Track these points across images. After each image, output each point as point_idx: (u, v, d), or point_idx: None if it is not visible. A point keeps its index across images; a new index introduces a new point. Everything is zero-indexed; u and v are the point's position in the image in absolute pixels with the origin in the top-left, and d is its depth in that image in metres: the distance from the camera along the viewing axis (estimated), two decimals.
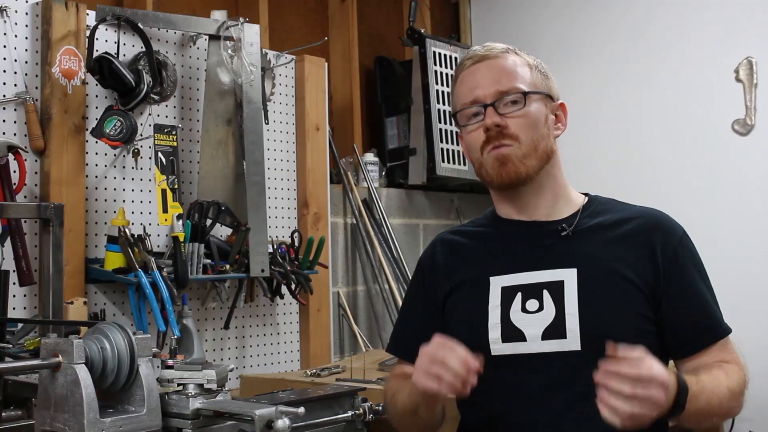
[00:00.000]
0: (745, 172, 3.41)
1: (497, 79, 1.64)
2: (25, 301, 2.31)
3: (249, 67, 2.72)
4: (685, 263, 1.62)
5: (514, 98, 1.63)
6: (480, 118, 1.64)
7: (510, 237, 1.70)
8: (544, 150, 1.64)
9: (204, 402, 1.50)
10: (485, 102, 1.63)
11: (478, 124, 1.64)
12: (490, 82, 1.64)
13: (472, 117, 1.66)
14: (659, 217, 1.67)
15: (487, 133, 1.62)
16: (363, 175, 3.50)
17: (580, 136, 3.73)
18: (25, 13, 2.38)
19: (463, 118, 1.68)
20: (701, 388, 1.46)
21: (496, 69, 1.65)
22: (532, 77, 1.66)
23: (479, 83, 1.65)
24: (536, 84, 1.66)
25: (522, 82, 1.64)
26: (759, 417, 2.86)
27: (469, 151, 1.70)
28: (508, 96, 1.63)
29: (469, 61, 1.69)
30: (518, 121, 1.62)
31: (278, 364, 2.99)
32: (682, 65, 3.59)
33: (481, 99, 1.64)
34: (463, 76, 1.69)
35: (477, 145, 1.64)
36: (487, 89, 1.63)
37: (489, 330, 1.61)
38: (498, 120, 1.61)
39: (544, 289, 1.60)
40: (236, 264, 2.66)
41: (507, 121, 1.61)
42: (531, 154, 1.62)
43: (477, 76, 1.66)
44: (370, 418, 1.77)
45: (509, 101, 1.63)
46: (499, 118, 1.61)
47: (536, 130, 1.63)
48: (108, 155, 2.53)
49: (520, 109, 1.62)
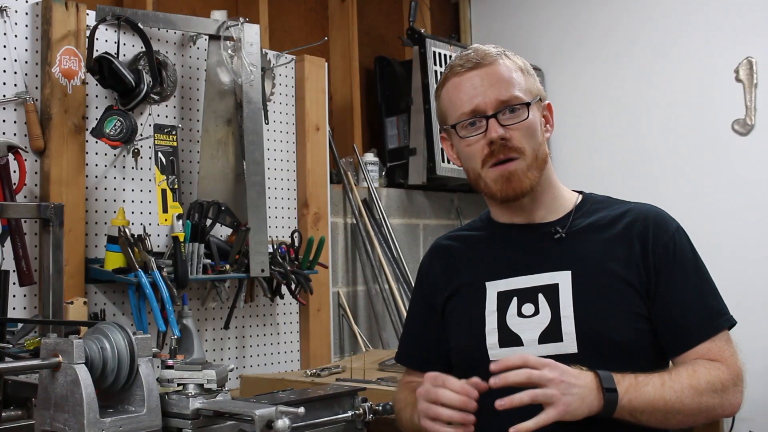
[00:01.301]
0: (745, 172, 3.42)
1: (497, 88, 1.59)
2: (25, 301, 2.31)
3: (249, 67, 2.72)
4: (677, 259, 1.60)
5: (516, 108, 1.60)
6: (481, 130, 1.60)
7: (504, 241, 1.70)
8: (542, 157, 1.63)
9: (204, 402, 1.50)
10: (486, 113, 1.59)
11: (479, 135, 1.60)
12: (490, 92, 1.59)
13: (470, 127, 1.61)
14: (652, 213, 1.65)
15: (491, 146, 1.59)
16: (363, 175, 3.50)
17: (580, 136, 3.74)
18: (25, 13, 2.38)
19: (462, 131, 1.63)
20: (644, 381, 1.46)
21: (493, 77, 1.60)
22: (526, 83, 1.63)
23: (478, 92, 1.60)
24: (531, 89, 1.63)
25: (520, 90, 1.61)
26: (759, 417, 2.86)
27: (466, 161, 1.66)
28: (510, 106, 1.59)
29: (461, 67, 1.63)
30: (520, 132, 1.59)
31: (278, 364, 2.99)
32: (682, 65, 3.60)
33: (482, 109, 1.59)
34: (457, 82, 1.63)
35: (477, 158, 1.61)
36: (487, 98, 1.59)
37: (486, 335, 1.61)
38: (503, 133, 1.58)
39: (539, 292, 1.60)
40: (236, 264, 2.66)
41: (510, 133, 1.59)
42: (533, 164, 1.61)
43: (475, 84, 1.61)
44: (370, 418, 1.77)
45: (509, 111, 1.59)
46: (503, 131, 1.58)
47: (535, 138, 1.62)
48: (108, 155, 2.53)
49: (523, 120, 1.60)
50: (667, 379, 1.48)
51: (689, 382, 1.49)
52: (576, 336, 1.55)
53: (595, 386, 1.42)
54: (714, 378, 1.51)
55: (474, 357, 1.63)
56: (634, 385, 1.44)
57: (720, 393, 1.51)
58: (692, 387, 1.48)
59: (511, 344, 1.59)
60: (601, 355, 1.52)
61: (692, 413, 1.49)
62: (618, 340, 1.55)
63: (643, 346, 1.58)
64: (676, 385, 1.48)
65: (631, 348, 1.56)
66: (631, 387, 1.44)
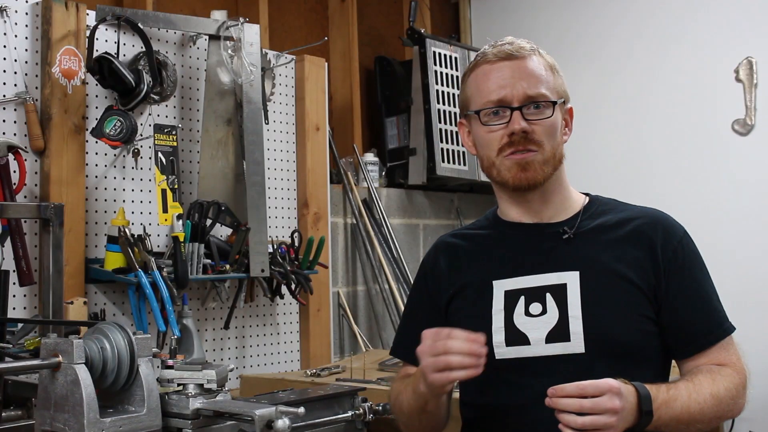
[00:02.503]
0: (745, 172, 3.42)
1: (527, 82, 1.61)
2: (25, 301, 2.31)
3: (249, 67, 2.72)
4: (685, 264, 1.62)
5: (541, 105, 1.61)
6: (504, 120, 1.61)
7: (512, 240, 1.70)
8: (559, 157, 1.65)
9: (204, 402, 1.50)
10: (512, 105, 1.60)
11: (502, 125, 1.61)
12: (519, 85, 1.60)
13: (493, 116, 1.62)
14: (660, 217, 1.67)
15: (511, 137, 1.60)
16: (363, 175, 3.50)
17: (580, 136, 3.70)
18: (25, 13, 2.38)
19: (485, 116, 1.63)
20: (674, 395, 1.47)
21: (524, 71, 1.62)
22: (555, 82, 1.64)
23: (507, 83, 1.61)
24: (558, 90, 1.65)
25: (548, 89, 1.62)
26: (759, 417, 2.86)
27: (481, 148, 1.67)
28: (536, 102, 1.60)
29: (494, 56, 1.64)
30: (542, 128, 1.60)
31: (278, 364, 2.99)
32: (682, 65, 3.59)
33: (508, 101, 1.60)
34: (488, 69, 1.64)
35: (494, 146, 1.62)
36: (516, 92, 1.60)
37: (493, 334, 1.61)
38: (525, 126, 1.59)
39: (547, 292, 1.60)
40: (236, 264, 2.66)
41: (532, 126, 1.60)
42: (550, 160, 1.62)
43: (505, 75, 1.62)
44: (370, 418, 1.77)
45: (534, 107, 1.61)
46: (526, 124, 1.59)
47: (555, 137, 1.63)
48: (108, 155, 2.53)
49: (547, 118, 1.61)
50: (693, 392, 1.50)
51: (710, 391, 1.52)
52: (584, 336, 1.55)
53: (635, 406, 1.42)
54: (731, 385, 1.54)
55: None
56: (666, 403, 1.46)
57: (735, 399, 1.55)
58: (713, 396, 1.51)
59: (517, 343, 1.59)
60: (607, 355, 1.53)
61: (710, 421, 1.53)
62: (625, 341, 1.56)
63: (650, 347, 1.59)
64: (700, 397, 1.50)
65: (638, 349, 1.57)
66: (663, 404, 1.45)
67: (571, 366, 1.54)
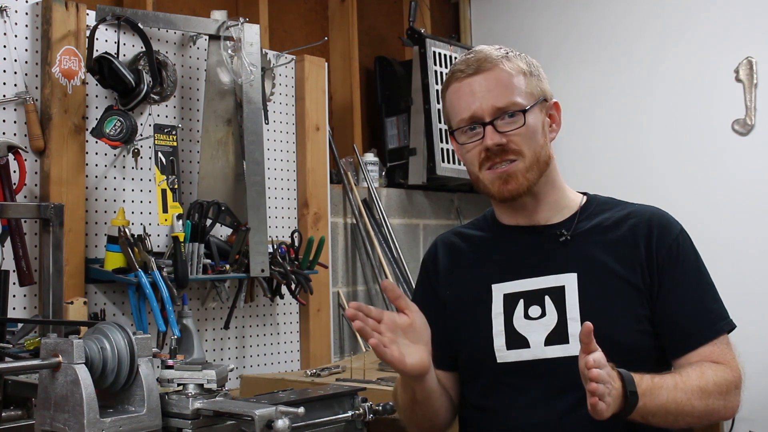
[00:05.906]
0: (745, 172, 3.42)
1: (494, 94, 1.59)
2: (25, 301, 2.31)
3: (249, 67, 2.72)
4: (679, 261, 1.61)
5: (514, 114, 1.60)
6: (478, 137, 1.61)
7: (510, 243, 1.70)
8: (544, 159, 1.64)
9: (204, 402, 1.50)
10: (483, 120, 1.60)
11: (477, 142, 1.61)
12: (487, 98, 1.59)
13: (469, 132, 1.62)
14: (657, 215, 1.67)
15: (488, 152, 1.60)
16: (363, 175, 3.50)
17: (580, 136, 3.73)
18: (25, 13, 2.38)
19: (461, 137, 1.64)
20: (659, 383, 1.47)
21: (492, 82, 1.60)
22: (527, 86, 1.62)
23: (476, 98, 1.60)
24: (533, 93, 1.63)
25: (519, 95, 1.60)
26: (759, 417, 2.87)
27: (466, 165, 1.68)
28: (507, 112, 1.60)
29: (461, 73, 1.63)
30: (519, 136, 1.60)
31: (278, 364, 2.99)
32: (682, 65, 3.59)
33: (479, 116, 1.60)
34: (457, 88, 1.64)
35: (476, 162, 1.63)
36: (484, 105, 1.59)
37: (494, 338, 1.62)
38: (498, 140, 1.59)
39: (546, 295, 1.61)
40: (236, 264, 2.66)
41: (507, 137, 1.59)
42: (533, 166, 1.61)
43: (473, 90, 1.61)
44: (370, 418, 1.77)
45: (508, 117, 1.60)
46: (499, 137, 1.59)
47: (536, 141, 1.62)
48: (108, 155, 2.53)
49: (521, 126, 1.60)
50: (679, 382, 1.49)
51: (698, 383, 1.50)
52: None
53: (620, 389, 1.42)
54: (720, 380, 1.53)
55: (481, 359, 1.64)
56: (651, 389, 1.45)
57: (725, 395, 1.53)
58: (701, 389, 1.50)
59: (518, 346, 1.60)
60: (606, 356, 1.53)
61: (700, 415, 1.51)
62: (623, 342, 1.56)
63: (647, 347, 1.59)
64: (687, 388, 1.49)
65: (635, 350, 1.57)
66: (647, 391, 1.44)
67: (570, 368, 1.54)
